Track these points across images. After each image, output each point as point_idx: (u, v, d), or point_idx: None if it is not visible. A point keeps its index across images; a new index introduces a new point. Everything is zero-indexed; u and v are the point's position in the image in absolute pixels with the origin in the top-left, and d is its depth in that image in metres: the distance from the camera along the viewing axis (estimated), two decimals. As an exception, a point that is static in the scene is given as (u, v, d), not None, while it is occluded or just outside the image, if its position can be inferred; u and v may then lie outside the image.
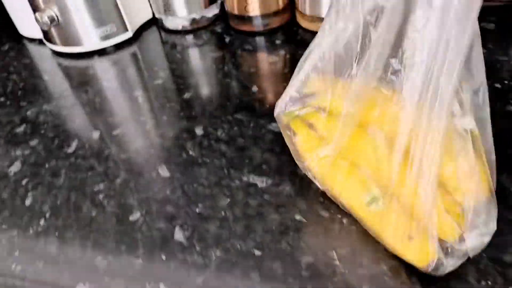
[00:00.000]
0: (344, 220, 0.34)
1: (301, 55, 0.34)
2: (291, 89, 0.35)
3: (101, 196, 0.39)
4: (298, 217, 0.35)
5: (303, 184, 0.37)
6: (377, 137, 0.30)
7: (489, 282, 0.29)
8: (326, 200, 0.36)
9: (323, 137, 0.34)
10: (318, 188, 0.36)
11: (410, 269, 0.30)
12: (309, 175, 0.36)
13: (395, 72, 0.27)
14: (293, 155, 0.37)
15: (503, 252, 0.30)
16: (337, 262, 0.31)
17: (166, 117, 0.48)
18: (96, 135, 0.47)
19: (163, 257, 0.34)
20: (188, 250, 0.34)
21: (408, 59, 0.26)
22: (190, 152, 0.43)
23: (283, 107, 0.36)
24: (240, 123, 0.45)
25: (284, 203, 0.36)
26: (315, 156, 0.34)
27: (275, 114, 0.36)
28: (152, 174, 0.41)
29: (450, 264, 0.27)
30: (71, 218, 0.38)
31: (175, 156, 0.42)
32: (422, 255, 0.28)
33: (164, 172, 0.41)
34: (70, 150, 0.45)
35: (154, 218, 0.37)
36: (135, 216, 0.37)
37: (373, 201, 0.30)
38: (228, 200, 0.37)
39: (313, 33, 0.34)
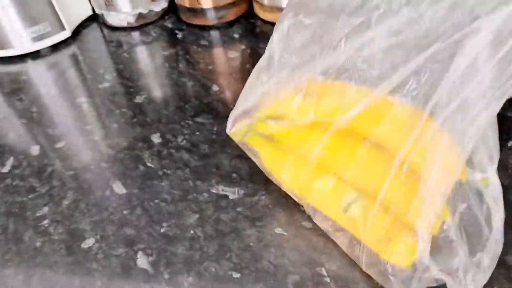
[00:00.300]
0: (330, 230, 0.32)
1: (262, 48, 0.32)
2: (240, 105, 0.34)
3: (45, 222, 0.35)
4: (278, 230, 0.32)
5: (281, 192, 0.34)
6: (371, 145, 0.28)
7: (496, 288, 0.27)
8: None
9: (287, 148, 0.32)
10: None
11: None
12: (284, 189, 0.33)
13: (415, 88, 0.25)
14: (262, 170, 0.34)
15: (505, 253, 0.29)
16: (328, 279, 0.29)
17: (117, 125, 0.44)
18: (35, 150, 0.42)
19: (126, 289, 0.30)
20: (154, 278, 0.30)
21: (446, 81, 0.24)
22: (148, 164, 0.39)
23: (230, 126, 0.35)
24: (202, 127, 0.42)
25: (261, 215, 0.33)
26: (285, 170, 0.32)
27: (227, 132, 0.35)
28: (106, 192, 0.37)
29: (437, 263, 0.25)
30: (11, 251, 0.33)
31: (131, 169, 0.39)
32: (406, 255, 0.26)
33: (119, 188, 0.37)
34: (5, 169, 0.40)
35: (112, 244, 0.33)
36: (89, 242, 0.33)
37: (350, 206, 0.28)
38: (197, 216, 0.34)
39: (274, 25, 0.32)
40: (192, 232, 0.33)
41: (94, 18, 0.63)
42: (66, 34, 0.58)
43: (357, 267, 0.29)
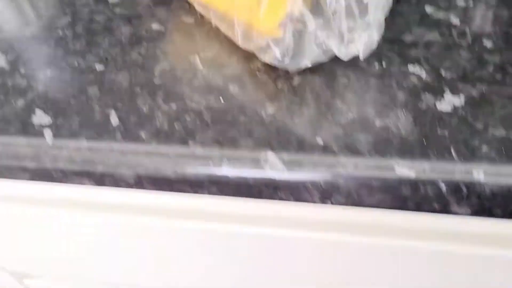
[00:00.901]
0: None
1: None
2: None
3: None
4: (155, 26, 0.30)
5: (167, -8, 0.31)
6: None
7: (384, 64, 0.25)
8: (193, 7, 0.30)
9: None
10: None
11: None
12: None
13: None
14: None
15: (402, 32, 0.27)
16: (200, 66, 0.27)
17: None
18: None
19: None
20: (9, 74, 0.28)
21: None
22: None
23: None
24: None
25: (139, 14, 0.31)
26: None
27: None
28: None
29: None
30: None
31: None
32: (276, 13, 0.23)
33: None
34: None
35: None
36: None
37: None
38: (69, 19, 0.31)
39: None
40: (60, 32, 0.30)
41: None
42: None
43: (235, 55, 0.27)
